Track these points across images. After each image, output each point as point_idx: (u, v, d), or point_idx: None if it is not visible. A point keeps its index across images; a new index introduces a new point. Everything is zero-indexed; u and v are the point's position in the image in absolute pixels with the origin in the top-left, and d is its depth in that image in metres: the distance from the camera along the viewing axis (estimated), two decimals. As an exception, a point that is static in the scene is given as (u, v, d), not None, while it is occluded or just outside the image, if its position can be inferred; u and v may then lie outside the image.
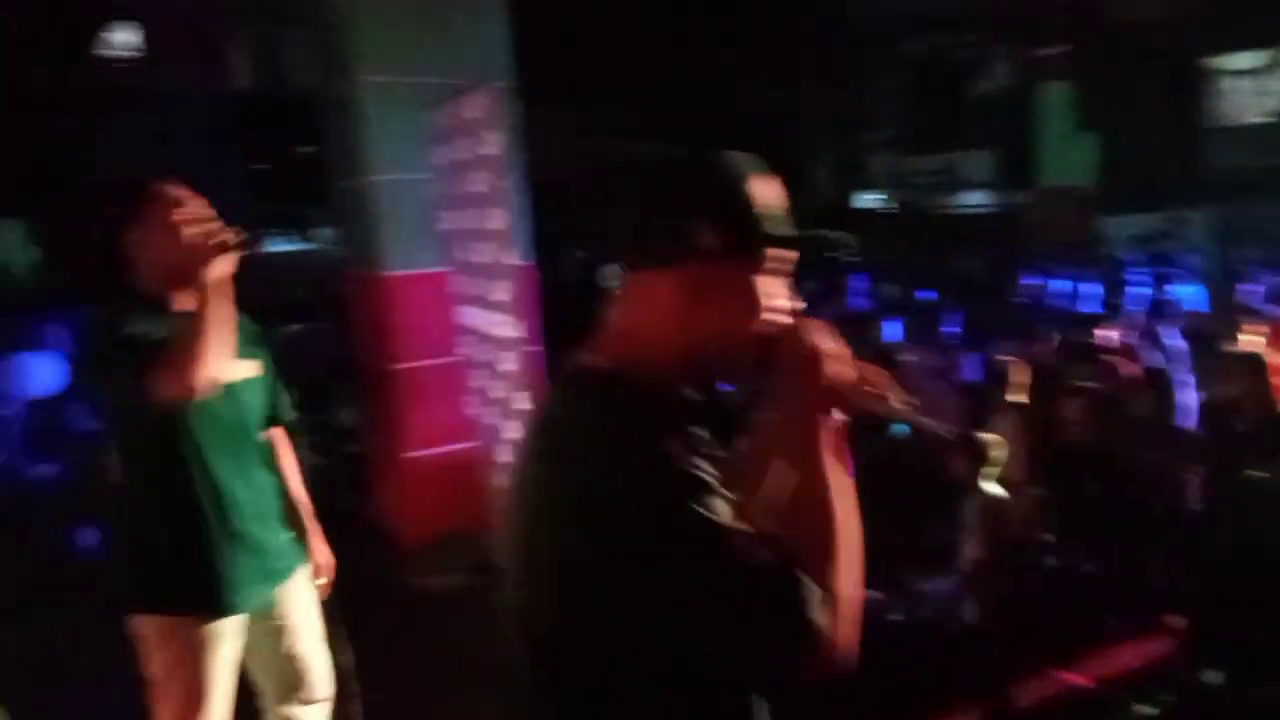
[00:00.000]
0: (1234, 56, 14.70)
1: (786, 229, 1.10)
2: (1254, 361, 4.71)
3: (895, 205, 17.61)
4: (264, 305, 2.42)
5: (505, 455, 4.37)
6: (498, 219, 4.04)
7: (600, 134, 16.67)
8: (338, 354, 6.00)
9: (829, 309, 7.93)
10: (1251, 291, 7.35)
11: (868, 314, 7.57)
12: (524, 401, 4.07)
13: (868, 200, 18.14)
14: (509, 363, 4.17)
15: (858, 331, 6.34)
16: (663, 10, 14.40)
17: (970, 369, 5.63)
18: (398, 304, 4.68)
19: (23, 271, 12.61)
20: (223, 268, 2.00)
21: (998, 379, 5.12)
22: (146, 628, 2.13)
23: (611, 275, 1.21)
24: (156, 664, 2.12)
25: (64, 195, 12.81)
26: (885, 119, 18.07)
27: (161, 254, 2.07)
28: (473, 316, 4.53)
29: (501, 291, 4.12)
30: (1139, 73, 14.80)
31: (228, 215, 2.10)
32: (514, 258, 4.07)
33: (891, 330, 6.45)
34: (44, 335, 8.11)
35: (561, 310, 9.53)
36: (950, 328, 6.83)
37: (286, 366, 2.40)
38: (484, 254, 4.23)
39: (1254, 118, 14.57)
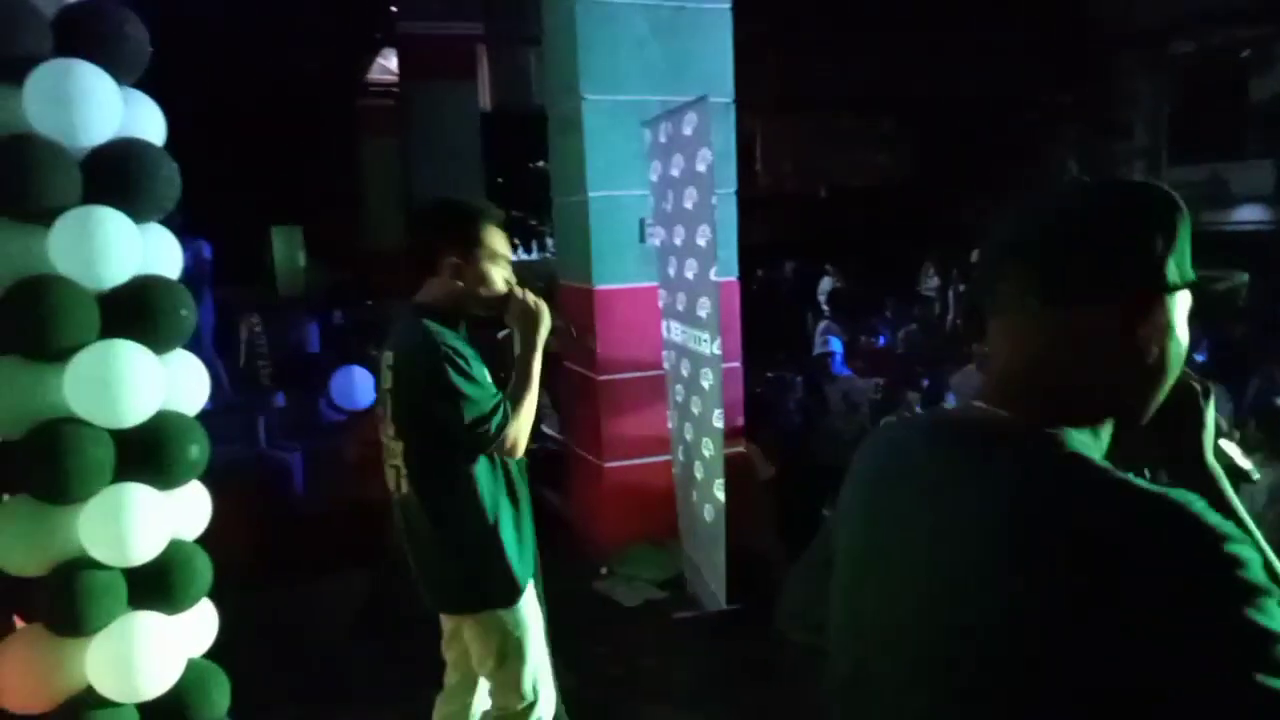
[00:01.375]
0: None
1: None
2: None
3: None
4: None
5: (700, 471, 4.38)
6: (705, 234, 4.06)
7: (827, 145, 16.47)
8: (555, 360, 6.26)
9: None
10: None
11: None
12: (719, 419, 4.07)
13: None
14: (708, 379, 4.17)
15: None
16: (900, 12, 13.96)
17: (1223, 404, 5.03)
18: (605, 316, 4.81)
19: (296, 273, 14.14)
20: (545, 333, 2.28)
21: (1270, 418, 4.58)
22: (493, 621, 2.33)
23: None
24: (513, 642, 2.34)
25: (330, 208, 14.27)
26: (1146, 125, 16.56)
27: (479, 286, 2.25)
28: (676, 331, 4.58)
29: (704, 307, 4.13)
30: None
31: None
32: (718, 273, 4.08)
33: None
34: (310, 331, 9.07)
35: (769, 323, 9.46)
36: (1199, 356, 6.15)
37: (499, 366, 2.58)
38: (690, 269, 4.26)
39: None
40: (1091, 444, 0.94)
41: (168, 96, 2.19)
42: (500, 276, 2.28)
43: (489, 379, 2.20)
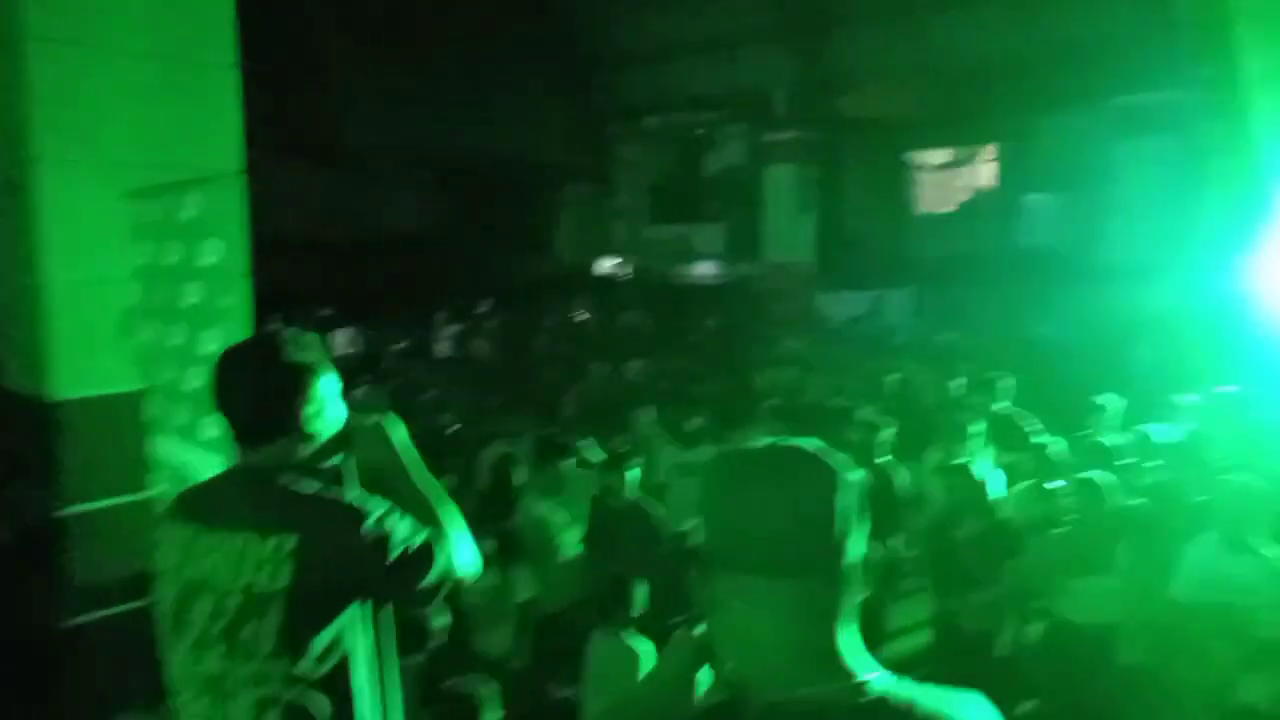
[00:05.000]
0: (935, 153, 16.54)
1: None
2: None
3: (632, 272, 18.02)
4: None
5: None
6: (216, 339, 3.37)
7: (349, 192, 15.63)
8: None
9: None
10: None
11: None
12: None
13: (608, 266, 18.42)
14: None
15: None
16: (412, 71, 13.98)
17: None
18: (70, 432, 3.79)
19: None
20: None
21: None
22: None
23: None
24: None
25: None
26: (628, 189, 18.51)
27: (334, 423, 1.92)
28: (177, 450, 3.75)
29: (216, 425, 3.43)
30: (855, 161, 16.23)
31: None
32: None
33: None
34: None
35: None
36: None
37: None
38: (198, 379, 3.51)
39: (948, 207, 16.45)
40: None
41: None
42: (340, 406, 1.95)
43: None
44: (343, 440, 1.93)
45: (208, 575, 1.77)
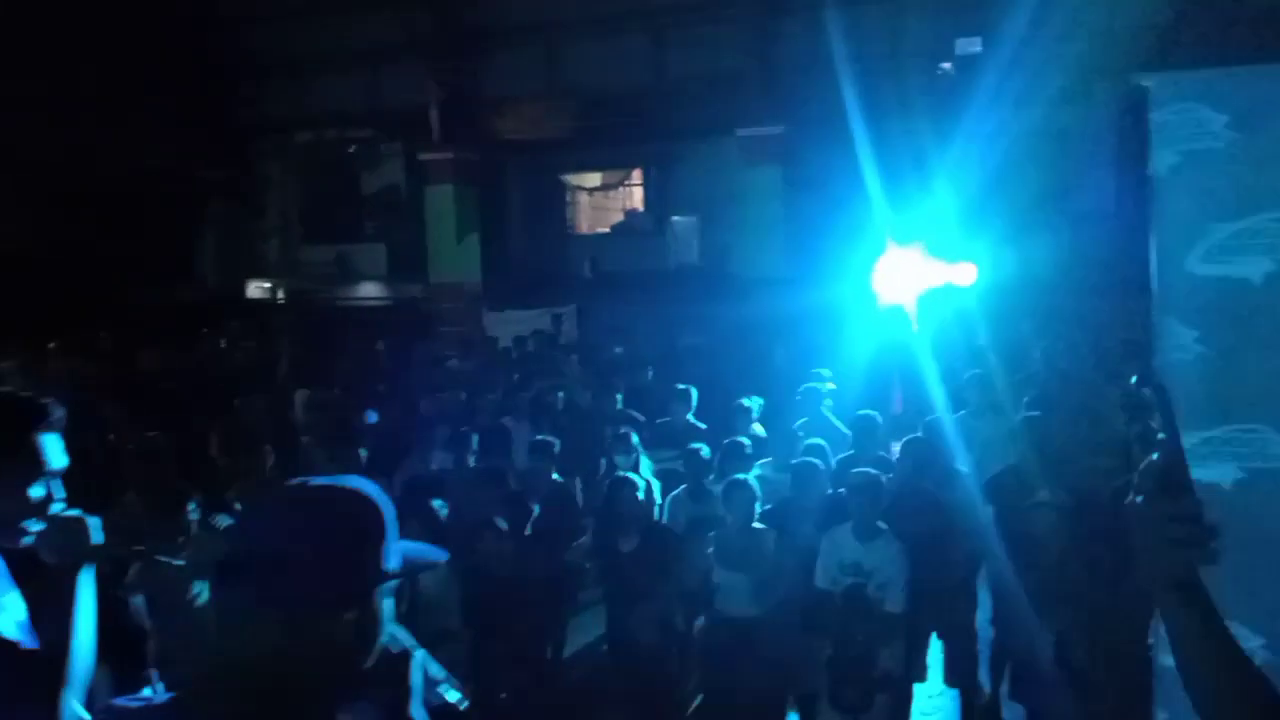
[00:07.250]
0: (589, 176, 17.19)
1: None
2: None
3: (286, 295, 16.87)
4: None
5: None
6: None
7: None
8: None
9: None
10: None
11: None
12: None
13: (259, 289, 17.03)
14: None
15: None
16: (46, 79, 12.07)
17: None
18: None
19: None
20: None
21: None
22: None
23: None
24: None
25: None
26: (278, 206, 17.28)
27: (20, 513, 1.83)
28: None
29: None
30: (515, 182, 16.42)
31: None
32: None
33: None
34: None
35: None
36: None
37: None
38: None
39: (604, 228, 17.16)
40: None
41: None
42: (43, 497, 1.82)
43: None
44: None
45: None
